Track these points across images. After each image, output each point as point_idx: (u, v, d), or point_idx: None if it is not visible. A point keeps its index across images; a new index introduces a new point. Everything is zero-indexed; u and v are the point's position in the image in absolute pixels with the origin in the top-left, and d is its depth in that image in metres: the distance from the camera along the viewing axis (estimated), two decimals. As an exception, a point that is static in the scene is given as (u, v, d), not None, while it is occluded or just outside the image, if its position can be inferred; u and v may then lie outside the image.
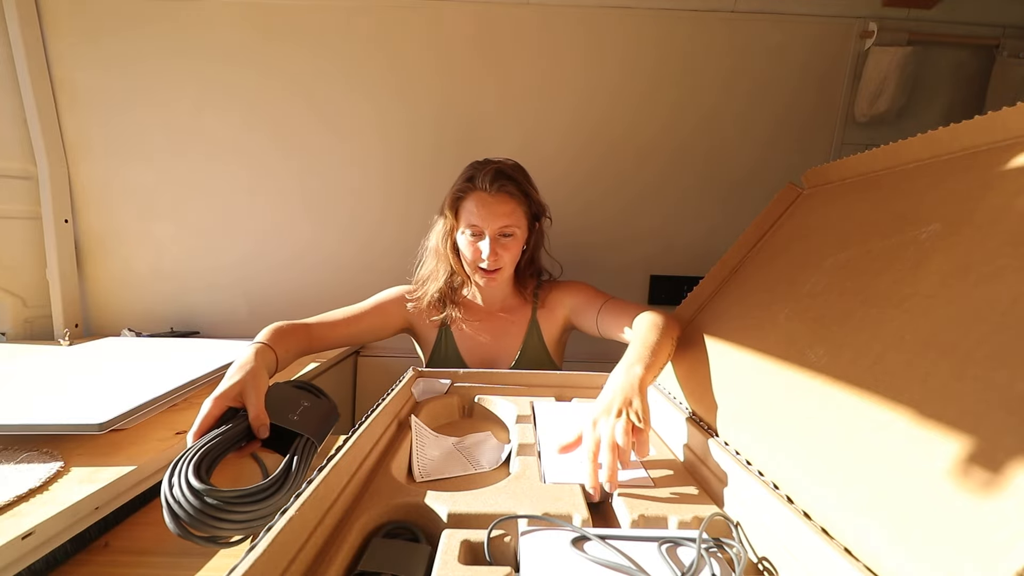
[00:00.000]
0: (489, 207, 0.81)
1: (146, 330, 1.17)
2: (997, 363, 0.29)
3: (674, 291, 1.25)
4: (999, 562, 0.23)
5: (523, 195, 0.85)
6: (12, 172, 1.11)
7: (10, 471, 0.44)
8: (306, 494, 0.36)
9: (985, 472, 0.26)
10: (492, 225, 0.81)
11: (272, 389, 0.54)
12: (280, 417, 0.51)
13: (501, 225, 0.82)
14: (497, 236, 0.82)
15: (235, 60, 1.13)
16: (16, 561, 0.35)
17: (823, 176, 0.70)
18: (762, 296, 0.61)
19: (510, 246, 0.84)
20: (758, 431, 0.46)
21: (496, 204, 0.81)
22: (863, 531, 0.30)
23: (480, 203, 0.81)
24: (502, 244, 0.83)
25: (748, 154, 1.19)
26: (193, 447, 0.43)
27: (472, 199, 0.82)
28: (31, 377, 0.66)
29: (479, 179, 0.81)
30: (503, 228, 0.82)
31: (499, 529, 0.37)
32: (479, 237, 0.83)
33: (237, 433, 0.47)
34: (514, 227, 0.83)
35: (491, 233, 0.81)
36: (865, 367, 0.39)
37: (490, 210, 0.81)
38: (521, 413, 0.62)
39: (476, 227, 0.82)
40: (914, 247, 0.43)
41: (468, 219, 0.83)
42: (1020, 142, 0.40)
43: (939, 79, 1.16)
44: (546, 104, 1.17)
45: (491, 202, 0.81)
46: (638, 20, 1.12)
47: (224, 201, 1.20)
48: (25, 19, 1.06)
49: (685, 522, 0.40)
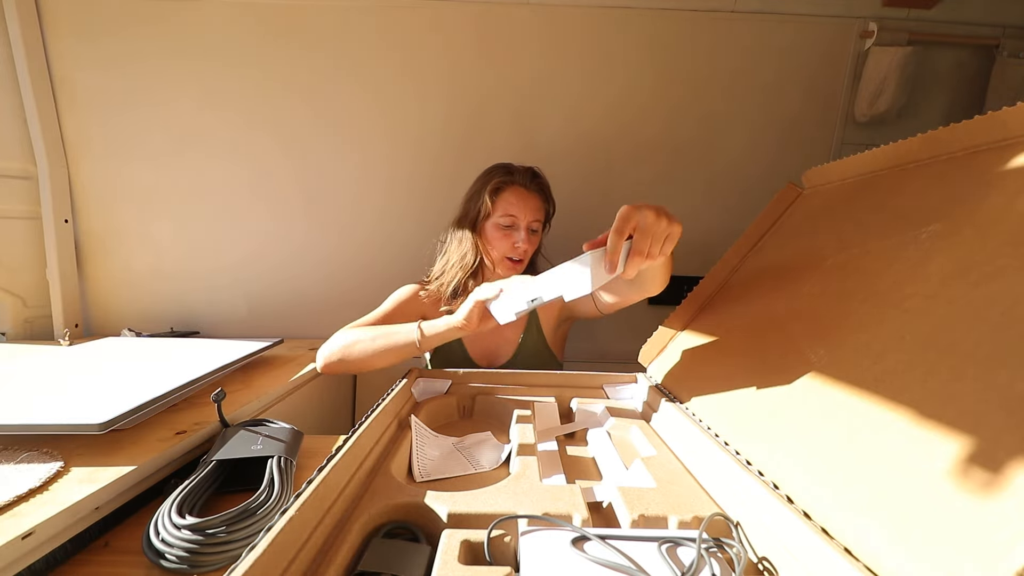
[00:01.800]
0: (527, 200, 0.88)
1: (146, 330, 1.17)
2: (997, 363, 0.29)
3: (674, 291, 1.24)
4: (999, 562, 0.23)
5: (549, 196, 0.94)
6: (12, 172, 1.11)
7: (10, 471, 0.44)
8: (306, 494, 0.36)
9: (985, 472, 0.26)
10: (528, 217, 0.88)
11: (228, 432, 0.54)
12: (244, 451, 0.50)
13: (534, 218, 0.89)
14: (528, 228, 0.89)
15: (235, 60, 1.14)
16: (16, 561, 0.35)
17: (823, 176, 0.70)
18: (762, 296, 0.61)
19: (535, 241, 0.92)
20: (758, 431, 0.46)
21: (532, 198, 0.89)
22: (863, 531, 0.30)
23: (519, 195, 0.88)
24: (530, 238, 0.90)
25: (748, 154, 1.19)
26: (166, 503, 0.42)
27: (511, 191, 0.89)
28: (31, 377, 0.66)
29: (518, 175, 0.90)
30: (534, 221, 0.90)
31: (499, 529, 0.37)
32: (512, 228, 0.89)
33: (207, 478, 0.47)
34: (540, 223, 0.92)
35: (525, 224, 0.88)
36: (865, 367, 0.39)
37: (527, 203, 0.88)
38: (521, 413, 0.62)
39: (512, 217, 0.88)
40: (914, 247, 0.43)
41: (505, 208, 0.88)
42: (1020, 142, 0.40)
43: (939, 79, 1.16)
44: (546, 104, 1.17)
45: (528, 196, 0.89)
46: (638, 20, 1.13)
47: (224, 201, 1.20)
48: (25, 19, 1.06)
49: (685, 522, 0.40)
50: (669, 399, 0.63)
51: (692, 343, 0.69)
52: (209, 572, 0.38)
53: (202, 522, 0.38)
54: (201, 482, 0.46)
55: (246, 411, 0.66)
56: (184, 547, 0.37)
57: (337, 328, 0.79)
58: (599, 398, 0.71)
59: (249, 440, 0.52)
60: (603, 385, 0.75)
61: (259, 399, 0.70)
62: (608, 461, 0.54)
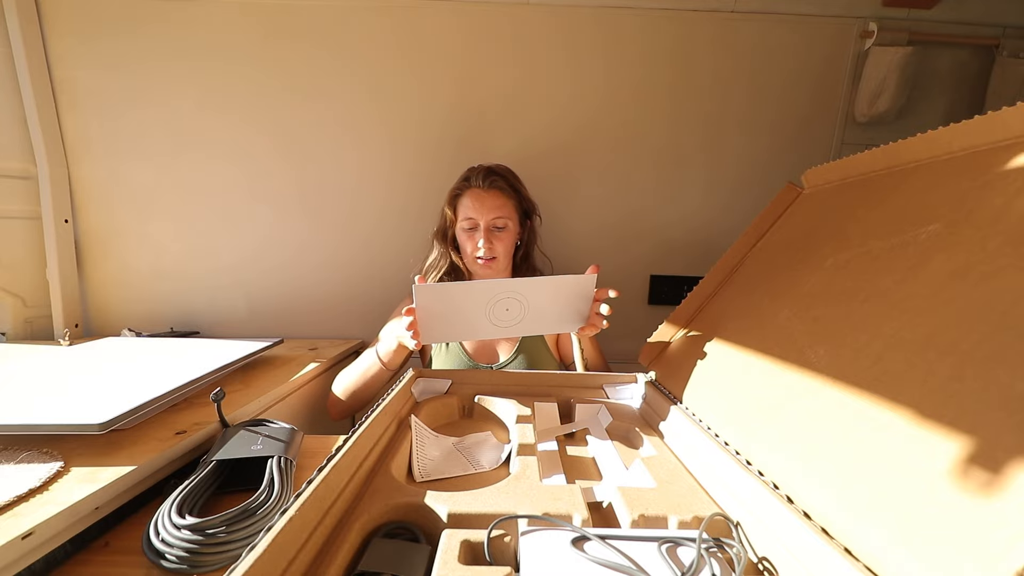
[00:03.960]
0: (482, 200, 0.91)
1: (146, 330, 1.17)
2: (997, 363, 0.29)
3: (674, 291, 1.25)
4: (999, 562, 0.23)
5: (513, 191, 0.95)
6: (12, 172, 1.11)
7: (10, 471, 0.44)
8: (306, 494, 0.36)
9: (985, 472, 0.26)
10: (486, 216, 0.91)
11: (228, 432, 0.54)
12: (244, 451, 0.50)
13: (494, 216, 0.91)
14: (491, 227, 0.91)
15: (235, 60, 1.13)
16: (16, 561, 0.35)
17: (823, 176, 0.70)
18: (762, 296, 0.61)
19: (503, 237, 0.93)
20: (758, 431, 0.46)
21: (489, 198, 0.91)
22: (863, 531, 0.30)
23: (474, 197, 0.91)
24: (496, 236, 0.92)
25: (748, 154, 1.19)
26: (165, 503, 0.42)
27: (468, 195, 0.92)
28: (31, 377, 0.66)
29: (473, 178, 0.93)
30: (495, 219, 0.91)
31: (499, 529, 0.37)
32: (475, 230, 0.92)
33: (207, 478, 0.47)
34: (506, 219, 0.92)
35: (485, 224, 0.91)
36: (865, 367, 0.39)
37: (483, 203, 0.91)
38: (521, 413, 0.62)
39: (472, 219, 0.91)
40: (914, 247, 0.43)
41: (464, 213, 0.92)
42: (1020, 142, 0.40)
43: (939, 79, 1.16)
44: (546, 104, 1.17)
45: (484, 196, 0.91)
46: (638, 20, 1.12)
47: (224, 201, 1.20)
48: (25, 19, 1.06)
49: (685, 522, 0.40)
50: (669, 399, 0.63)
51: (692, 343, 0.69)
52: (209, 572, 0.38)
53: (202, 522, 0.38)
54: (201, 482, 0.46)
55: (246, 411, 0.66)
56: (184, 547, 0.37)
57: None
58: (599, 398, 0.71)
59: (249, 440, 0.52)
60: (603, 385, 0.75)
61: (259, 399, 0.70)
62: (608, 461, 0.54)
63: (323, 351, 1.04)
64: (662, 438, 0.61)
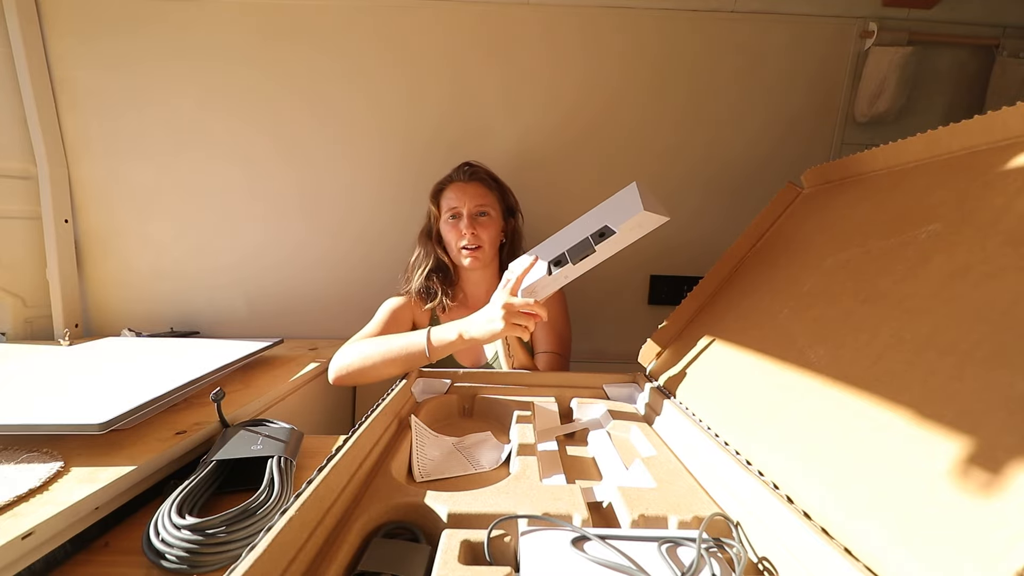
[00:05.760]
0: (464, 190, 0.94)
1: (146, 330, 1.17)
2: (997, 363, 0.29)
3: (674, 291, 1.25)
4: (999, 562, 0.23)
5: (495, 184, 0.98)
6: (12, 172, 1.11)
7: (10, 471, 0.44)
8: (306, 494, 0.36)
9: (985, 472, 0.26)
10: (468, 204, 0.93)
11: (228, 432, 0.54)
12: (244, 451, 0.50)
13: (476, 204, 0.94)
14: (474, 214, 0.94)
15: (235, 60, 1.13)
16: (16, 561, 0.35)
17: (823, 176, 0.70)
18: (762, 296, 0.61)
19: (487, 225, 0.95)
20: (758, 431, 0.46)
21: (470, 187, 0.95)
22: (863, 531, 0.30)
23: (457, 189, 0.95)
24: (479, 223, 0.94)
25: (748, 154, 1.19)
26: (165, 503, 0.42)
27: (450, 188, 0.96)
28: (31, 377, 0.66)
29: (455, 173, 0.97)
30: (478, 206, 0.94)
31: (499, 529, 0.37)
32: (458, 219, 0.94)
33: (207, 478, 0.47)
34: (488, 207, 0.95)
35: (468, 211, 0.93)
36: (865, 367, 0.39)
37: (466, 192, 0.94)
38: (521, 413, 0.62)
39: (455, 208, 0.94)
40: (914, 247, 0.43)
41: (448, 204, 0.95)
42: (1020, 142, 0.40)
43: (939, 79, 1.16)
44: (545, 104, 1.17)
45: (466, 187, 0.95)
46: (638, 20, 1.12)
47: (224, 201, 1.20)
48: (25, 19, 1.06)
49: (685, 522, 0.40)
50: (669, 399, 0.63)
51: (692, 343, 0.69)
52: (209, 572, 0.38)
53: (202, 522, 0.38)
54: (201, 482, 0.46)
55: (246, 411, 0.66)
56: (184, 547, 0.37)
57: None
58: (599, 398, 0.71)
59: (249, 440, 0.52)
60: (603, 385, 0.75)
61: (259, 399, 0.70)
62: (608, 461, 0.54)
63: (323, 351, 1.04)
64: (662, 438, 0.61)
